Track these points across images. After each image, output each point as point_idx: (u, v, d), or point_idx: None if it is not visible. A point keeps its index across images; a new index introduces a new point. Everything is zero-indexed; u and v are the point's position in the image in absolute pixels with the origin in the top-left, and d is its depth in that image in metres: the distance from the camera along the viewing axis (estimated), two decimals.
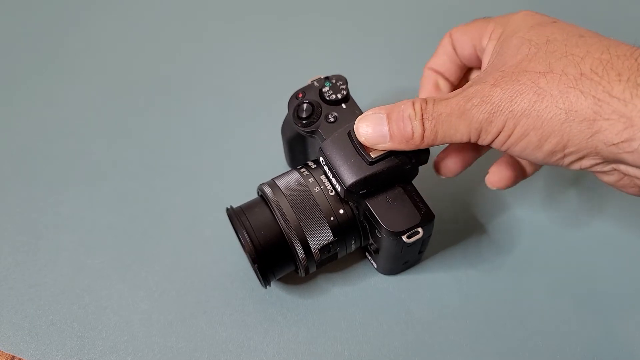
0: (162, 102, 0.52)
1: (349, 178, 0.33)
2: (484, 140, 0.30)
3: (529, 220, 0.43)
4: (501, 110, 0.29)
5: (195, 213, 0.45)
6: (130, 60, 0.55)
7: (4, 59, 0.56)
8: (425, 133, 0.31)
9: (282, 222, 0.36)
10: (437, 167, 0.37)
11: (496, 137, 0.30)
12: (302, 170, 0.38)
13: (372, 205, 0.34)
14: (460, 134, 0.30)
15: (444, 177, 0.37)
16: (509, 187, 0.36)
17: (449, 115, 0.30)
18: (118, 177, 0.47)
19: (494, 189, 0.37)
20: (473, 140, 0.31)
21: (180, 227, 0.44)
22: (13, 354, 0.39)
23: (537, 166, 0.37)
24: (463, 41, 0.36)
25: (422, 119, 0.31)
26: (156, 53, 0.56)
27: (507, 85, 0.29)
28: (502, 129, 0.29)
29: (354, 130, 0.34)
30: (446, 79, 0.38)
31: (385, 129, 0.32)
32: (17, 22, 0.59)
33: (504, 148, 0.30)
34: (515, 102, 0.28)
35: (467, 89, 0.30)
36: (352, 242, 0.37)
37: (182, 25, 0.58)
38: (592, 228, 0.43)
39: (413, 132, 0.31)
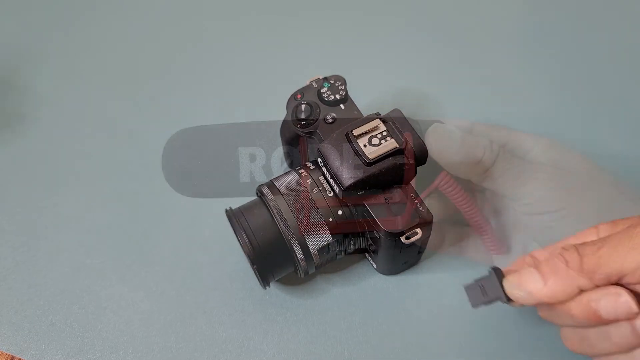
0: (161, 101, 0.52)
1: (347, 179, 0.33)
2: None
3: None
4: None
5: (195, 213, 0.45)
6: (130, 60, 0.55)
7: (4, 59, 0.56)
8: (584, 259, 0.28)
9: (280, 223, 0.35)
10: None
11: None
12: (300, 171, 0.38)
13: (371, 207, 0.34)
14: (631, 262, 0.27)
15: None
16: None
17: (617, 242, 0.27)
18: (118, 177, 0.47)
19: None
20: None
21: (180, 227, 0.44)
22: (13, 354, 0.39)
23: None
24: None
25: (577, 247, 0.28)
26: (156, 53, 0.56)
27: None
28: None
29: (352, 131, 0.34)
30: None
31: (537, 273, 0.29)
32: (17, 22, 0.59)
33: None
34: None
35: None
36: (351, 243, 0.37)
37: (182, 25, 0.58)
38: None
39: (567, 261, 0.28)
